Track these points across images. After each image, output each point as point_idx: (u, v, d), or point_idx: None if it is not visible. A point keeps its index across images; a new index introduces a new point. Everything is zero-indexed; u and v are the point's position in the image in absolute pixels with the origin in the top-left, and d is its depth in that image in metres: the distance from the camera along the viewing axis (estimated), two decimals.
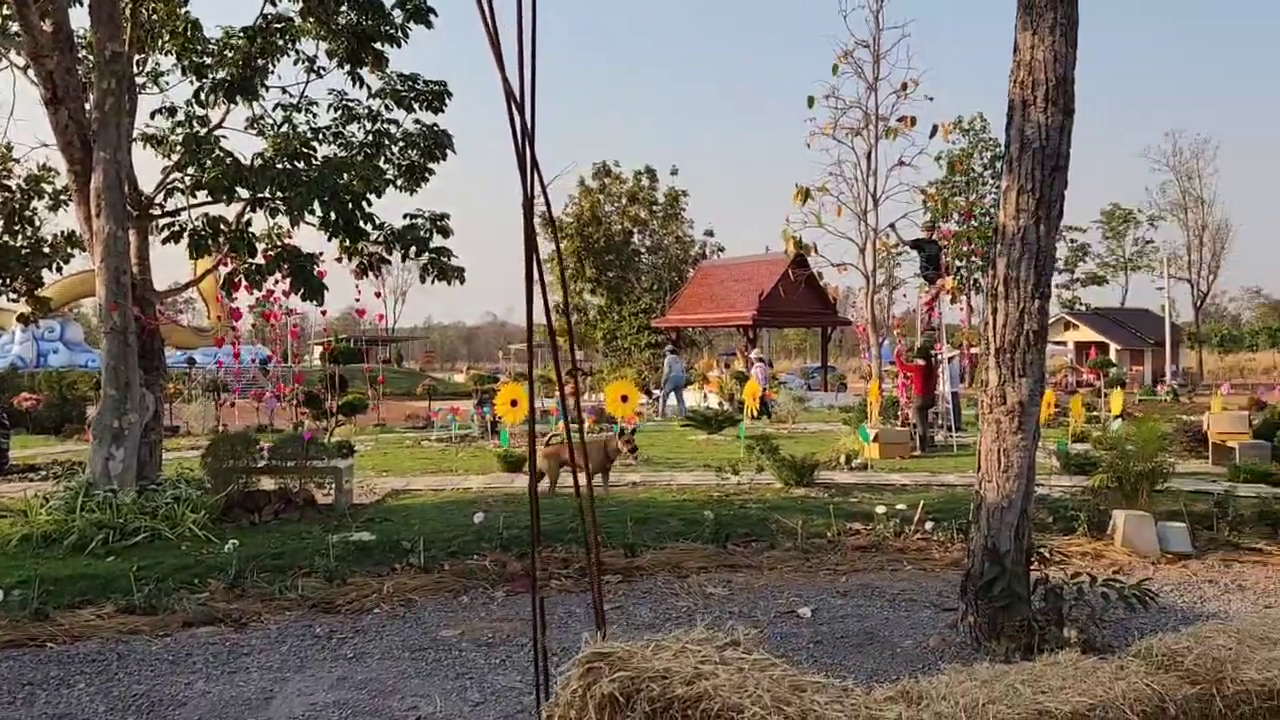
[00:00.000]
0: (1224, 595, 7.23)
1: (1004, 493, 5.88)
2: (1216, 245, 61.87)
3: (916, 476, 12.63)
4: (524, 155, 3.35)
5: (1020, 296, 5.89)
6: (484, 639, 6.03)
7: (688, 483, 11.64)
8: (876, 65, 17.78)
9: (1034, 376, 5.90)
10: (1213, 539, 8.77)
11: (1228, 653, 4.30)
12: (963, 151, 55.11)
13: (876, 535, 8.66)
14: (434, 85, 10.73)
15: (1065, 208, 6.10)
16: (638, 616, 6.52)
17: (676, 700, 2.55)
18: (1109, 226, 68.63)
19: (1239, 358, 68.55)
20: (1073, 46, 5.88)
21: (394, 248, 10.77)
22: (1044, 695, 3.65)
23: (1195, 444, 15.80)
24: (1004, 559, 5.78)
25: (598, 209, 45.38)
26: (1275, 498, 10.65)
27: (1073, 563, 7.81)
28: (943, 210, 20.22)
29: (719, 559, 7.99)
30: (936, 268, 17.95)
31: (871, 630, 6.21)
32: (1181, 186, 61.99)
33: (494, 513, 8.85)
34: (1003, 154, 6.18)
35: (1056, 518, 9.30)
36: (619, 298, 44.83)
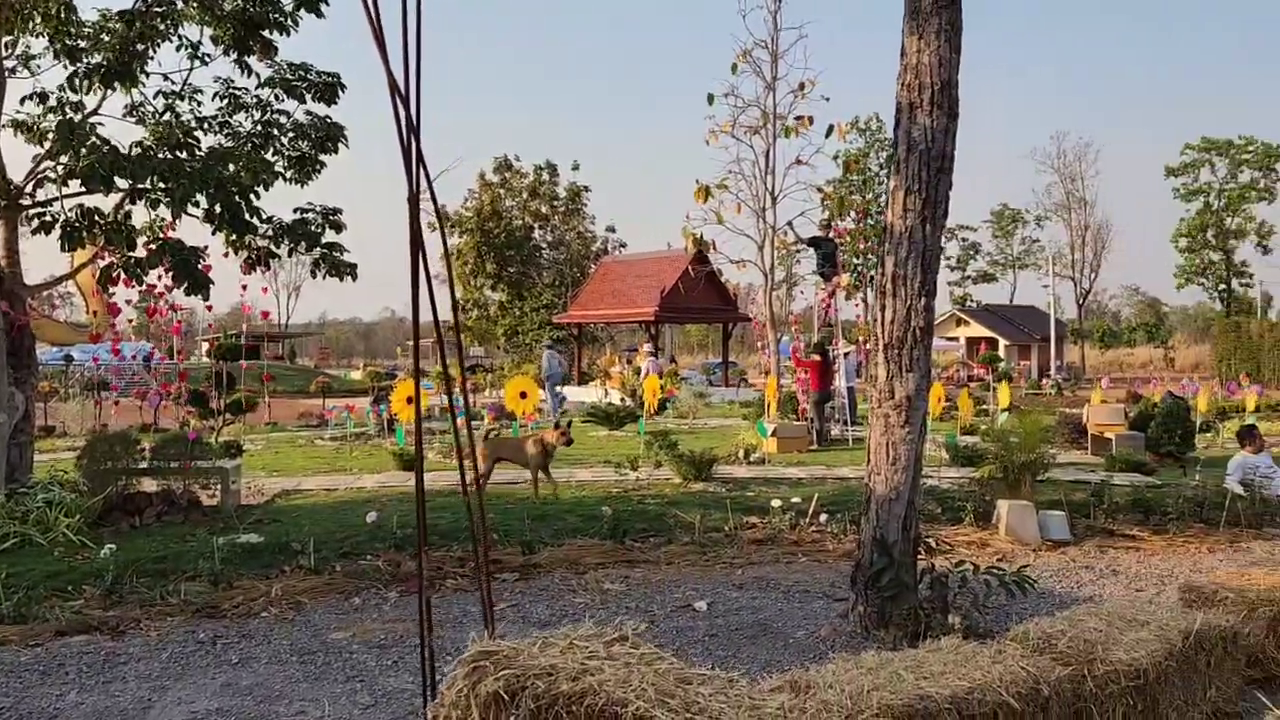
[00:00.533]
0: (1099, 580, 7.55)
1: (892, 485, 6.02)
2: (1098, 245, 64.68)
3: (813, 470, 12.87)
4: (409, 149, 3.29)
5: (908, 294, 6.04)
6: (376, 640, 5.91)
7: (587, 479, 11.63)
8: (775, 65, 17.97)
9: (920, 372, 6.06)
10: (1090, 526, 9.15)
11: (1099, 635, 4.49)
12: (859, 151, 56.37)
13: (772, 528, 8.78)
14: (326, 76, 10.45)
15: (958, 207, 6.31)
16: (534, 614, 6.48)
17: (561, 696, 2.53)
18: (998, 226, 71.12)
19: (1118, 353, 71.79)
20: (957, 51, 6.05)
21: (283, 242, 10.46)
22: (925, 681, 3.75)
23: (1076, 435, 16.49)
24: (892, 550, 5.93)
25: (498, 204, 45.01)
26: (1148, 486, 11.20)
27: (959, 552, 8.05)
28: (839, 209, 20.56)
29: (617, 554, 8.00)
30: (833, 265, 18.29)
31: (766, 622, 6.30)
32: (1065, 188, 64.56)
33: (388, 512, 8.70)
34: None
35: (945, 508, 9.57)
36: (520, 293, 44.58)
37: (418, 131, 3.30)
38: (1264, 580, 5.65)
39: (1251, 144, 59.15)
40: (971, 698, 3.71)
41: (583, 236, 46.89)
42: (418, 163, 3.30)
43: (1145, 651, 4.33)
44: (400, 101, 3.29)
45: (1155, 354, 69.12)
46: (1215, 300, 63.49)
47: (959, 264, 71.22)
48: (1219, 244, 60.88)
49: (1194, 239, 61.04)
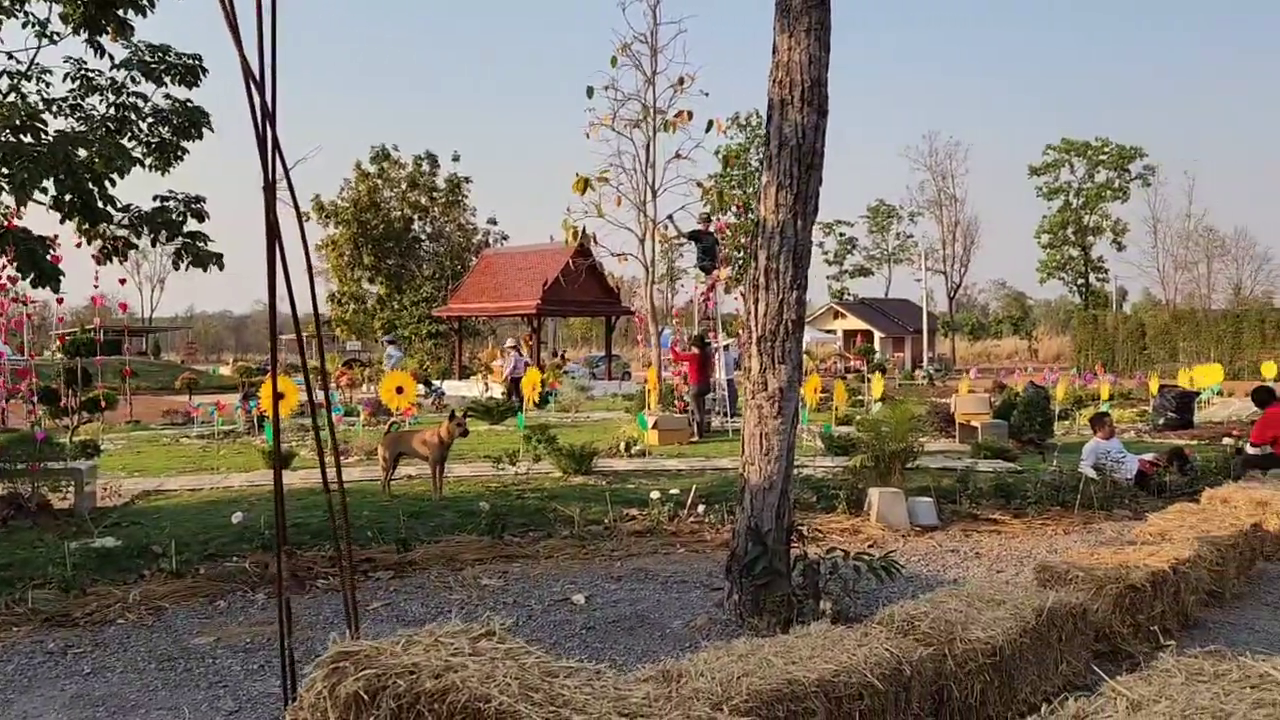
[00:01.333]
0: (964, 563, 7.84)
1: (766, 475, 6.12)
2: (967, 240, 67.19)
3: (693, 462, 13.01)
4: (264, 137, 3.17)
5: (780, 287, 6.14)
6: (241, 644, 5.71)
7: (465, 474, 11.50)
8: (654, 59, 18.10)
9: (793, 363, 6.18)
10: (956, 511, 9.50)
11: (959, 615, 4.66)
12: (739, 146, 57.23)
13: (652, 520, 8.84)
14: (187, 58, 10.00)
15: (836, 203, 6.49)
16: (409, 612, 6.37)
17: (424, 695, 2.49)
18: (874, 221, 73.22)
19: (987, 344, 74.87)
20: (826, 50, 6.17)
21: (142, 232, 9.98)
22: (794, 665, 3.83)
23: (944, 424, 17.09)
24: (766, 538, 6.03)
25: (376, 194, 43.99)
26: (1010, 472, 11.70)
27: (832, 539, 8.25)
28: (719, 203, 20.84)
29: (495, 550, 7.93)
30: (713, 259, 18.52)
31: (643, 613, 6.33)
32: (937, 185, 66.84)
33: (256, 511, 8.41)
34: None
35: (820, 497, 9.80)
36: (399, 286, 43.69)
37: (273, 118, 3.19)
38: (1111, 559, 5.97)
39: (1107, 146, 62.40)
40: (838, 680, 3.81)
41: (463, 229, 46.21)
42: (274, 150, 3.19)
43: (1001, 630, 4.52)
44: (255, 87, 3.17)
45: (1020, 345, 72.36)
46: (1074, 294, 66.74)
47: (836, 258, 73.11)
48: (1078, 240, 64.01)
49: (1055, 235, 64.03)
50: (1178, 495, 9.81)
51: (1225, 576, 6.55)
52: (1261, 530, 7.60)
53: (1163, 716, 2.43)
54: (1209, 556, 6.35)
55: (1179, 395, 18.87)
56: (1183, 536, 6.64)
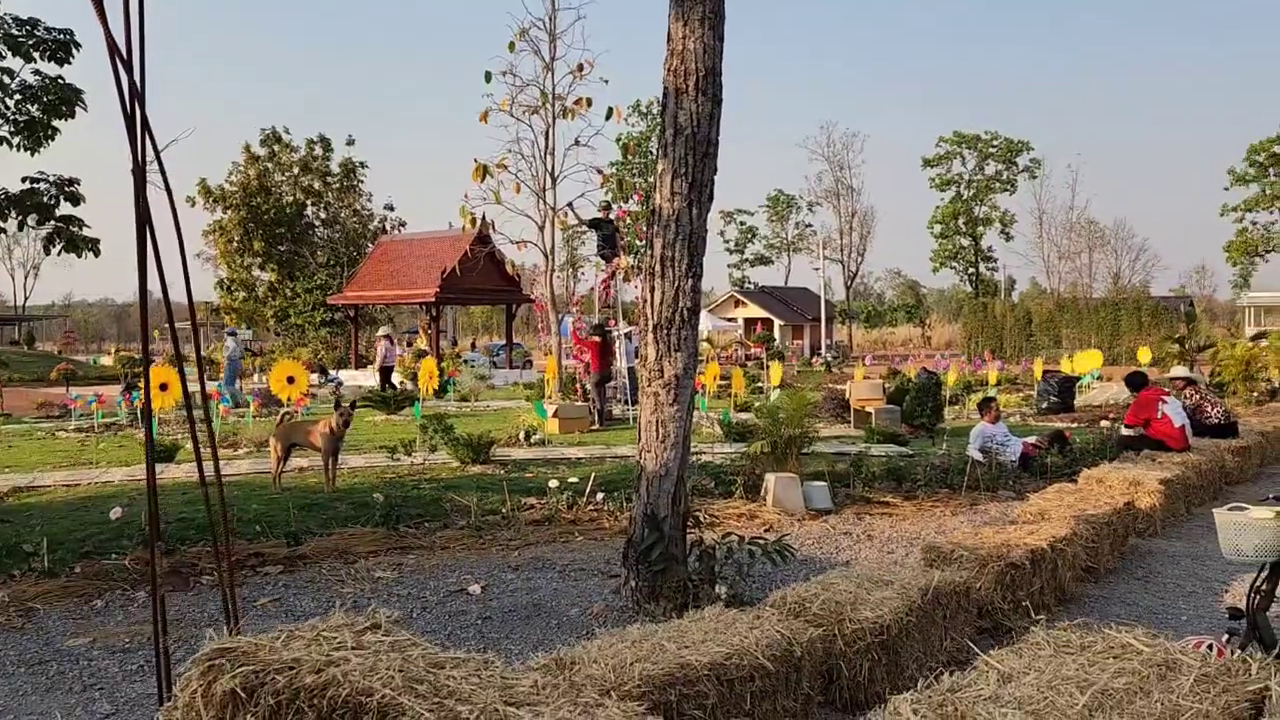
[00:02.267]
0: (856, 545, 8.02)
1: (662, 462, 6.15)
2: (864, 230, 68.55)
3: (592, 450, 13.00)
4: (133, 117, 3.03)
5: (676, 275, 6.16)
6: (120, 645, 5.49)
7: (360, 465, 11.26)
8: (553, 45, 17.95)
9: (688, 351, 6.21)
10: (850, 495, 9.71)
11: (848, 596, 4.77)
12: (640, 135, 57.35)
13: (550, 509, 8.80)
14: (58, 33, 9.51)
15: (738, 192, 6.50)
16: (299, 608, 6.22)
17: (304, 690, 2.42)
18: (774, 211, 74.29)
19: (882, 332, 76.70)
20: (720, 39, 6.19)
21: (10, 215, 9.46)
22: (687, 649, 3.87)
23: (840, 410, 17.47)
24: (662, 525, 6.06)
25: (266, 179, 42.68)
26: (901, 456, 12.00)
27: (729, 524, 8.34)
28: (619, 191, 20.84)
29: (390, 542, 7.79)
30: (613, 247, 18.52)
31: (540, 602, 6.31)
32: (835, 175, 68.03)
33: (137, 507, 8.08)
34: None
35: (718, 482, 9.90)
36: (292, 273, 42.51)
37: (143, 98, 3.05)
38: (994, 539, 6.18)
39: (996, 139, 64.48)
40: (729, 663, 3.85)
41: (359, 214, 45.19)
42: (143, 131, 3.05)
43: (889, 609, 4.64)
44: (121, 65, 3.02)
45: (914, 333, 74.34)
46: (966, 283, 68.87)
47: (738, 247, 73.99)
48: (969, 231, 66.03)
49: (947, 226, 65.93)
50: (1058, 476, 10.20)
51: (1100, 553, 6.84)
52: (1134, 508, 7.96)
53: (1031, 687, 2.52)
54: (1085, 534, 6.63)
55: (1061, 380, 19.63)
56: (1060, 516, 6.91)
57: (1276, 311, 49.30)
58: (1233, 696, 2.48)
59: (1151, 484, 8.52)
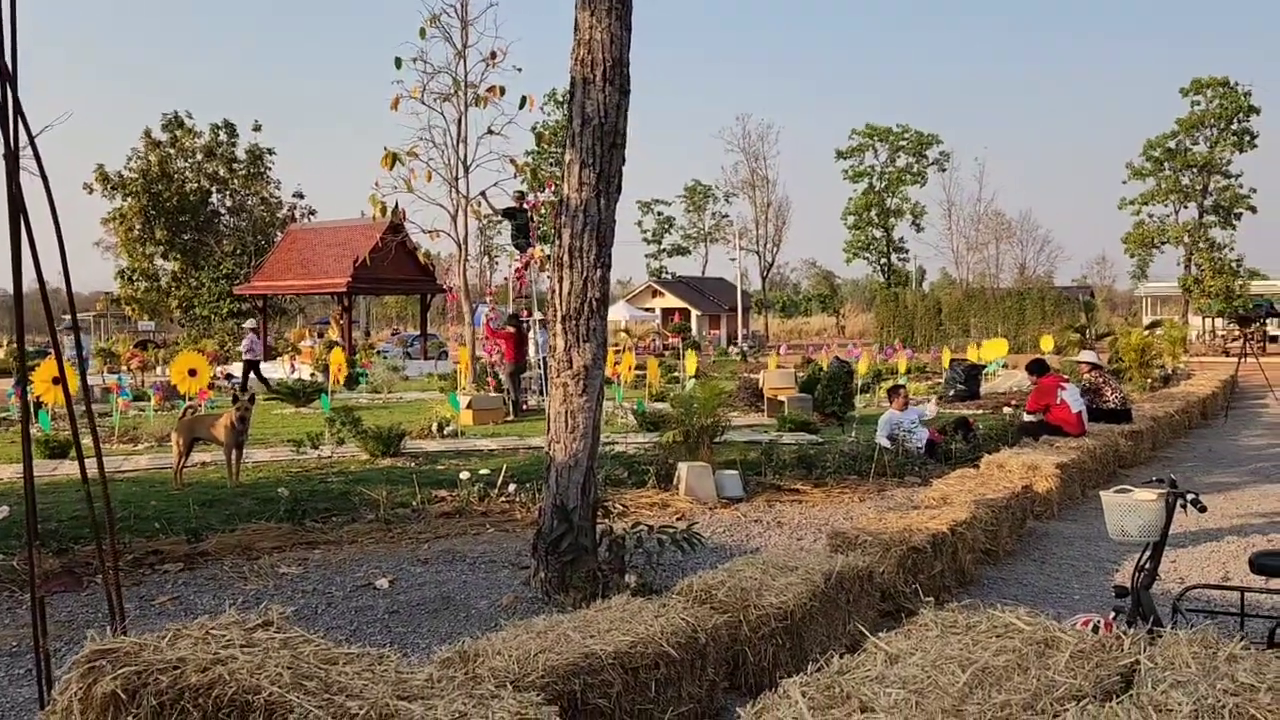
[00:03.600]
0: (766, 532, 8.13)
1: (571, 452, 6.15)
2: (779, 220, 69.24)
3: (506, 441, 12.93)
4: (5, 99, 2.90)
5: (584, 266, 6.16)
6: (6, 649, 5.29)
7: (265, 459, 11.02)
8: (465, 32, 17.72)
9: (597, 341, 6.21)
10: (761, 483, 9.83)
11: (754, 582, 4.83)
12: (556, 124, 57.01)
13: (461, 501, 8.73)
14: None
15: (655, 182, 6.53)
16: (199, 605, 6.06)
17: (189, 689, 2.37)
18: (691, 201, 74.55)
19: (798, 321, 77.78)
20: (628, 30, 6.19)
21: None
22: (592, 639, 3.88)
23: (754, 399, 17.67)
24: (572, 515, 6.07)
25: (168, 165, 41.33)
26: (812, 444, 12.20)
27: (641, 514, 8.38)
28: (534, 180, 20.70)
29: (296, 537, 7.64)
30: (526, 236, 18.41)
31: (449, 595, 6.25)
32: (750, 166, 68.53)
33: None
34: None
35: (631, 472, 9.92)
36: (196, 262, 41.29)
37: (14, 79, 2.92)
38: (897, 523, 6.33)
39: (907, 132, 65.69)
40: (634, 651, 3.88)
41: (267, 202, 44.10)
42: (15, 114, 2.93)
43: (793, 594, 4.71)
44: None
45: (829, 322, 75.51)
46: (878, 273, 70.13)
47: (655, 237, 74.06)
48: (881, 222, 67.18)
49: (860, 217, 66.95)
50: (962, 462, 10.49)
51: (999, 536, 7.06)
52: (1031, 491, 8.23)
53: (916, 667, 2.60)
54: (984, 518, 6.83)
55: (967, 368, 20.15)
56: (962, 500, 7.11)
57: (1172, 301, 51.31)
58: (1105, 670, 2.59)
59: (1049, 468, 8.80)
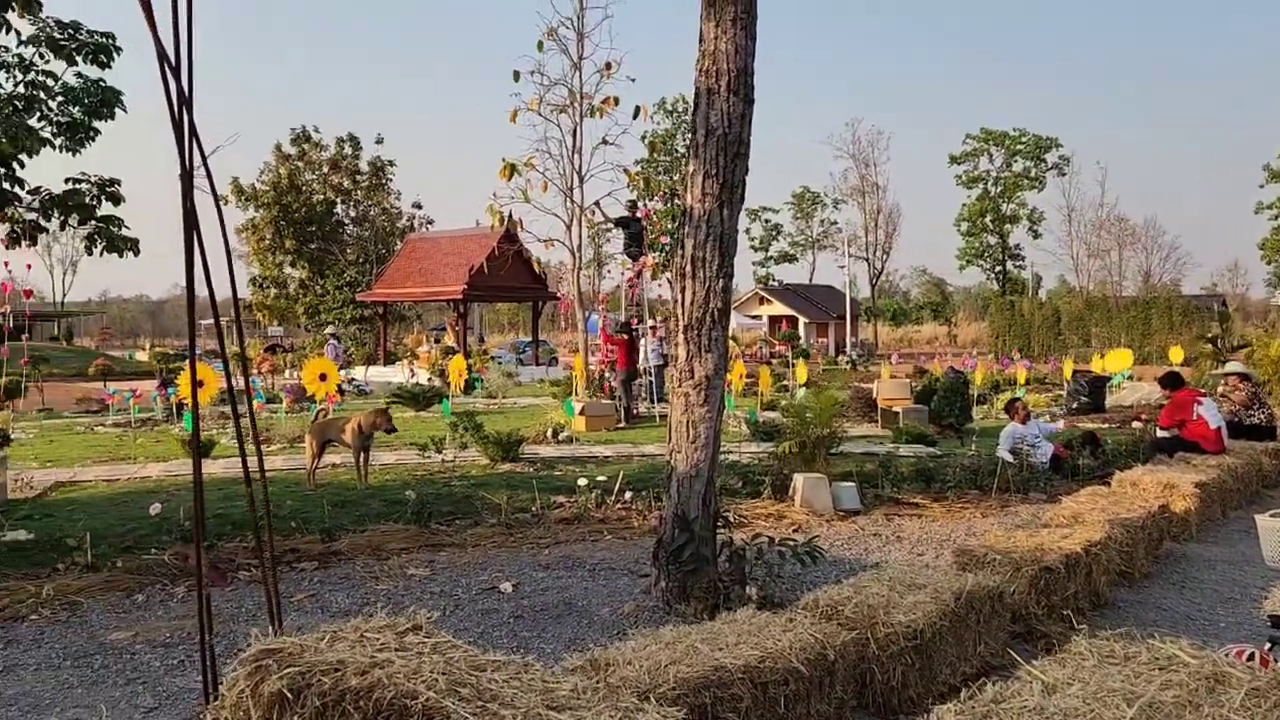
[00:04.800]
0: (886, 546, 8.01)
1: (692, 462, 6.18)
2: (889, 227, 68.22)
3: (620, 448, 13.04)
4: (181, 123, 3.09)
5: (706, 276, 6.18)
6: (161, 639, 5.58)
7: (391, 462, 11.37)
8: (580, 44, 17.99)
9: (718, 352, 6.23)
10: (878, 496, 9.68)
11: (881, 599, 4.77)
12: (666, 133, 57.32)
13: (579, 507, 8.84)
14: (99, 36, 9.64)
15: (762, 189, 6.53)
16: (334, 604, 6.29)
17: (349, 692, 2.47)
18: (799, 208, 74.00)
19: (908, 330, 76.26)
20: (752, 39, 6.20)
21: (52, 215, 9.62)
22: (720, 652, 3.89)
23: (867, 409, 17.41)
24: (693, 525, 6.09)
25: (297, 177, 43.01)
26: (930, 456, 11.95)
27: (757, 524, 8.35)
28: (645, 189, 20.85)
29: (422, 539, 7.86)
30: (639, 245, 18.56)
31: (571, 600, 6.34)
32: (860, 173, 67.68)
33: (175, 502, 8.22)
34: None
35: (746, 482, 9.90)
36: (322, 270, 42.83)
37: (190, 104, 3.11)
38: (1026, 542, 6.15)
39: (1024, 136, 63.92)
40: (764, 666, 3.87)
41: (388, 212, 45.48)
42: (191, 137, 3.11)
43: (922, 613, 4.64)
44: (170, 72, 3.08)
45: (940, 331, 73.85)
46: (993, 281, 68.32)
47: (762, 244, 73.73)
48: (996, 228, 65.52)
49: (974, 223, 65.45)
50: (1090, 479, 10.13)
51: (1135, 557, 6.80)
52: (1168, 511, 7.90)
53: (1076, 698, 2.52)
54: (1119, 538, 6.58)
55: (1091, 380, 19.45)
56: (1094, 519, 6.87)
57: None
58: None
59: (1187, 487, 8.44)
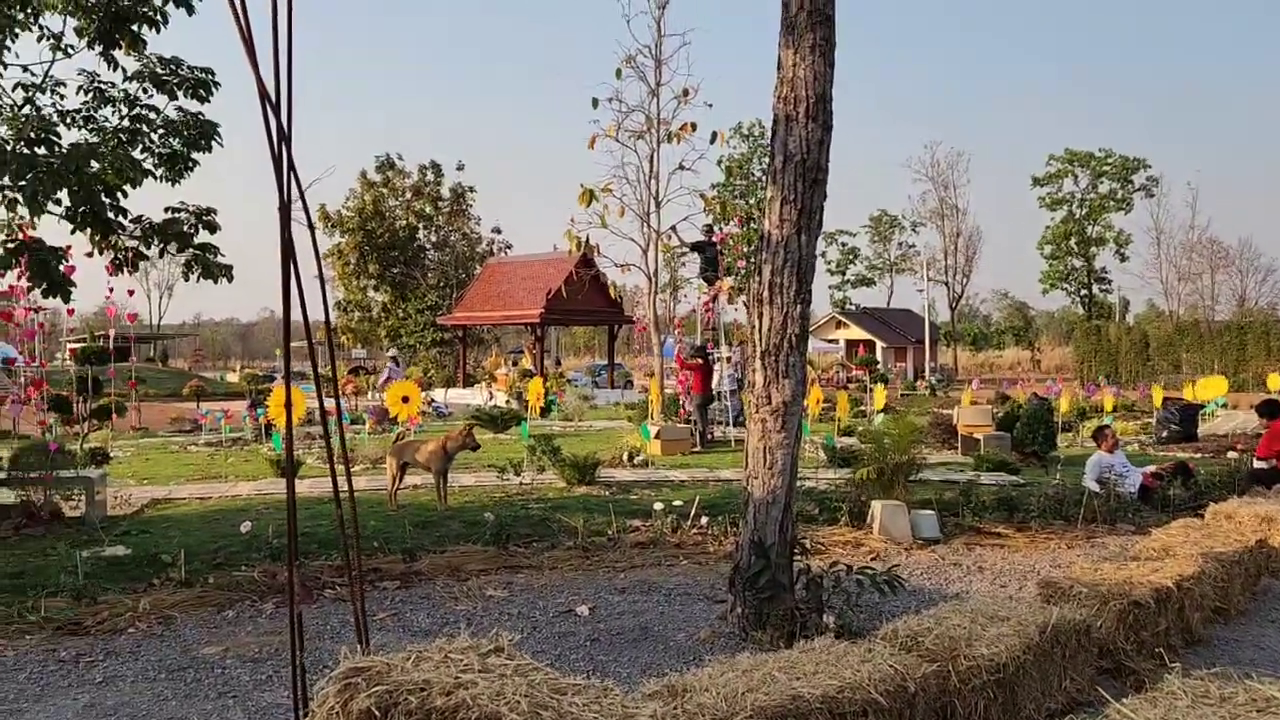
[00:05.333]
0: (967, 577, 7.87)
1: (769, 489, 6.17)
2: (970, 250, 67.11)
3: (695, 472, 13.03)
4: (280, 158, 3.23)
5: (784, 302, 6.19)
6: (250, 655, 5.76)
7: (470, 484, 11.54)
8: (658, 70, 18.13)
9: (796, 378, 6.22)
10: (959, 525, 9.52)
11: (962, 631, 4.69)
12: (742, 156, 57.36)
13: (655, 531, 8.88)
14: (198, 71, 10.08)
15: (839, 212, 6.53)
16: (415, 623, 6.41)
17: (435, 712, 2.53)
18: (876, 231, 73.25)
19: (989, 355, 74.78)
20: (831, 66, 6.22)
21: (153, 243, 10.05)
22: (799, 681, 3.87)
23: (947, 436, 17.12)
24: (769, 552, 6.07)
25: (381, 203, 44.13)
26: (1012, 485, 11.71)
27: (834, 552, 8.28)
28: (722, 214, 20.87)
29: (500, 560, 7.97)
30: (715, 269, 18.58)
31: (647, 625, 6.37)
32: (939, 195, 66.81)
33: (264, 520, 8.47)
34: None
35: (822, 509, 9.83)
36: (404, 294, 43.80)
37: (289, 139, 3.25)
38: (1114, 575, 5.99)
39: (1110, 157, 62.40)
40: (842, 696, 3.84)
41: (468, 237, 46.37)
42: (289, 171, 3.25)
43: (1005, 646, 4.55)
44: (271, 109, 3.23)
45: (1023, 356, 72.25)
46: (1077, 305, 66.68)
47: (839, 268, 73.08)
48: (1081, 251, 63.96)
49: (1058, 246, 63.98)
50: (1181, 510, 9.82)
51: (1230, 593, 6.56)
52: (1267, 546, 7.61)
53: None
54: (1214, 573, 6.36)
55: (1183, 408, 18.86)
56: (1187, 552, 6.66)
57: None
58: None
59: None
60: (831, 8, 6.16)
